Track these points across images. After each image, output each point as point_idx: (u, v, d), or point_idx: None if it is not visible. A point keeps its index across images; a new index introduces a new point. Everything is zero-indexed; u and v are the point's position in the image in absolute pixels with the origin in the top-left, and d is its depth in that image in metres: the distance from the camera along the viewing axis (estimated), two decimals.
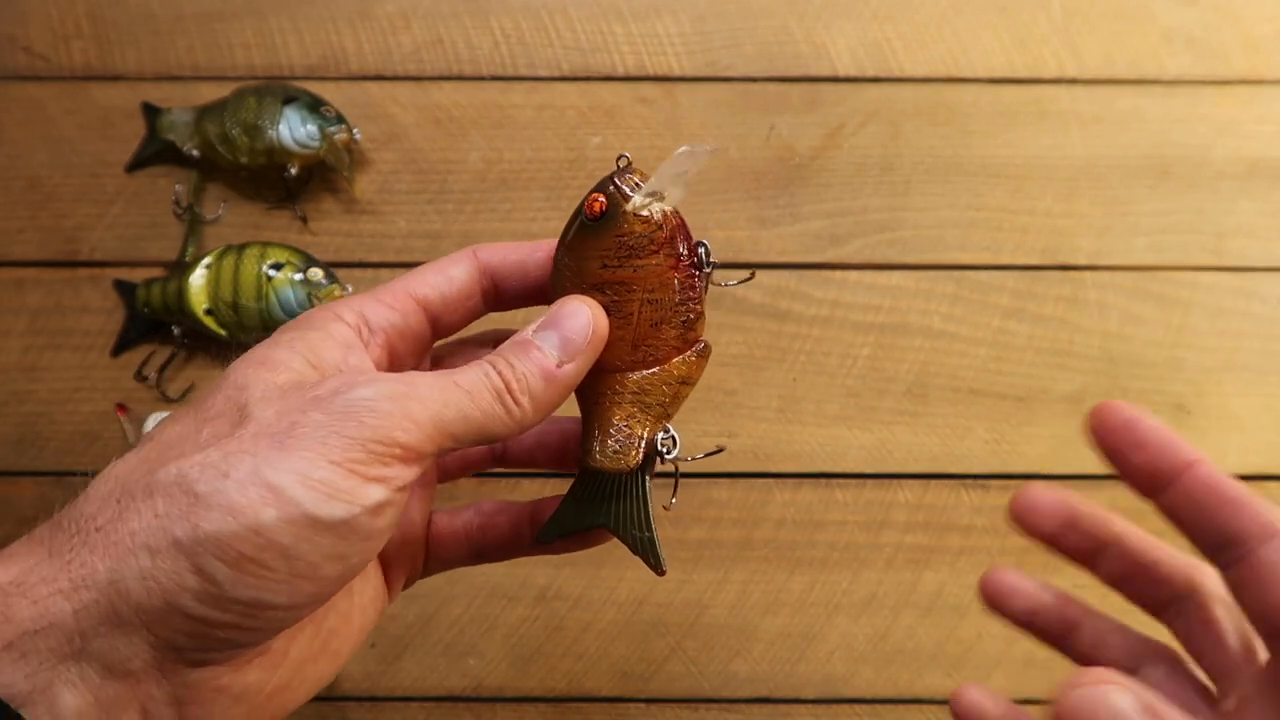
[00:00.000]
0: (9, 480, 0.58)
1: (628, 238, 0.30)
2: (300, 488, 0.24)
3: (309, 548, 0.24)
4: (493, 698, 0.57)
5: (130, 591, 0.23)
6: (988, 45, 0.61)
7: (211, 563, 0.23)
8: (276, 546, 0.24)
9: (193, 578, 0.23)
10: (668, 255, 0.30)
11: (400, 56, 0.61)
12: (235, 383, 0.27)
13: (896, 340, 0.59)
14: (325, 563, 0.24)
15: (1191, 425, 0.59)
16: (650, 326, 0.31)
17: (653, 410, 0.32)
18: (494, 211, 0.60)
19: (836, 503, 0.58)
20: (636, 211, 0.30)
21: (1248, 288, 0.60)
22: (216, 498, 0.23)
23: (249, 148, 0.57)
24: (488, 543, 0.35)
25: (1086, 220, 0.60)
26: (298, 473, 0.24)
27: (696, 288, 0.31)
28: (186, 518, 0.23)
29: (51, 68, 0.61)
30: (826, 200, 0.60)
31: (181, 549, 0.23)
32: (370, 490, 0.25)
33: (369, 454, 0.25)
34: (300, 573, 0.24)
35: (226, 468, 0.24)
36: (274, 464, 0.24)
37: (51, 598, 0.23)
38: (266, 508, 0.23)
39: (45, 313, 0.59)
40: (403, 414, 0.25)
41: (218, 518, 0.23)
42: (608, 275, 0.31)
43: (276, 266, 0.56)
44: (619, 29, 0.61)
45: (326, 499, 0.24)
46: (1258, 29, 0.61)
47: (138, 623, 0.23)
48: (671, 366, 0.31)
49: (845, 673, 0.57)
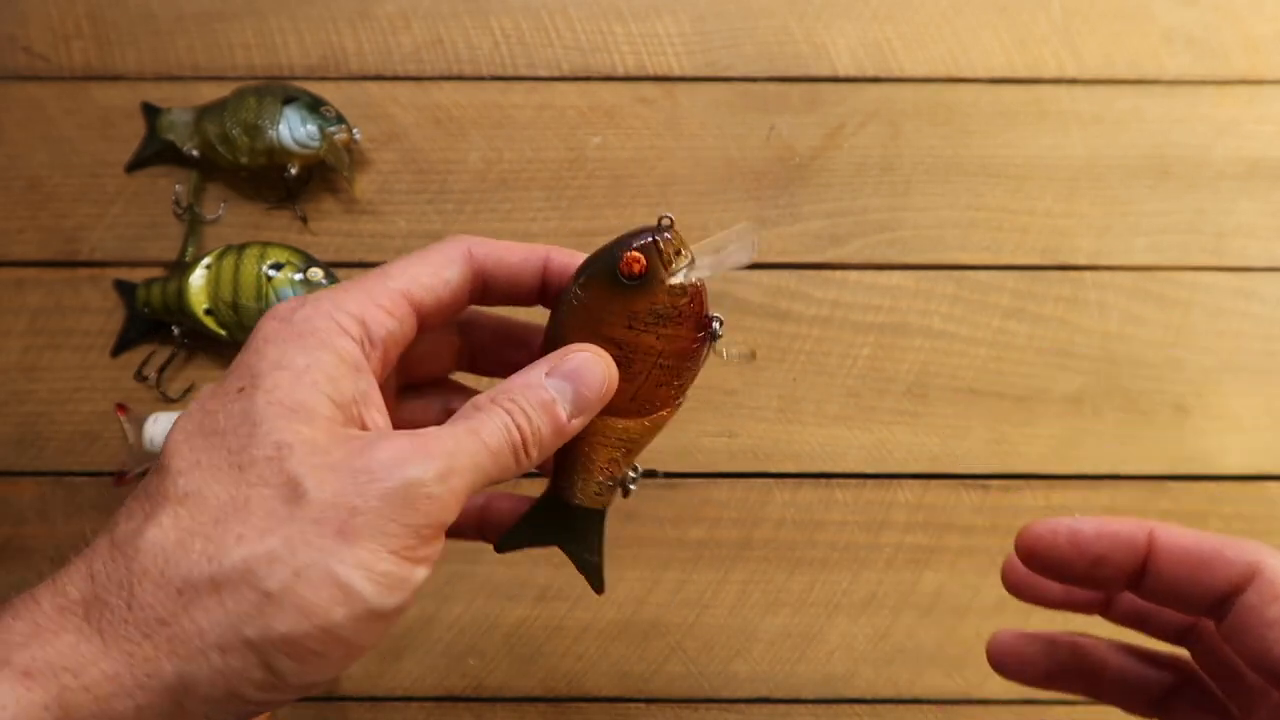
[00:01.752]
0: (9, 480, 0.58)
1: (660, 306, 0.30)
2: (367, 584, 0.24)
3: (367, 636, 0.25)
4: (493, 698, 0.57)
5: (198, 687, 0.24)
6: (988, 45, 0.61)
7: (281, 660, 0.24)
8: (341, 641, 0.24)
9: (259, 672, 0.24)
10: (691, 329, 0.31)
11: (400, 56, 0.61)
12: (273, 439, 0.25)
13: (896, 340, 0.59)
14: (371, 642, 0.26)
15: (1191, 425, 0.59)
16: (655, 387, 0.32)
17: (632, 453, 0.33)
18: (494, 211, 0.60)
19: (836, 503, 0.58)
20: (674, 284, 0.30)
21: (1248, 288, 0.60)
22: (289, 598, 0.24)
23: (249, 148, 0.57)
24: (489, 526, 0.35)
25: (1086, 220, 0.60)
26: (364, 567, 0.24)
27: (703, 354, 0.32)
28: (259, 618, 0.23)
29: (51, 68, 0.61)
30: (826, 200, 0.60)
31: (253, 648, 0.24)
32: (418, 572, 0.26)
33: (421, 539, 0.25)
34: (351, 656, 0.25)
35: (295, 563, 0.24)
36: (341, 558, 0.24)
37: (115, 697, 0.23)
38: (337, 607, 0.24)
39: (45, 313, 0.59)
40: (450, 494, 0.26)
41: (291, 619, 0.24)
42: (629, 336, 0.31)
43: (276, 266, 0.56)
44: (619, 29, 0.61)
45: (389, 591, 0.25)
46: (1258, 29, 0.61)
47: (200, 714, 0.24)
48: (660, 418, 0.32)
49: (845, 673, 0.57)
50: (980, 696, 0.57)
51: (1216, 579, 0.25)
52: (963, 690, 0.57)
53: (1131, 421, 0.59)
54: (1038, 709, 0.56)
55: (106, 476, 0.58)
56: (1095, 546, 0.26)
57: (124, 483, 0.57)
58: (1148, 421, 0.59)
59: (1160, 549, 0.26)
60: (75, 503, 0.58)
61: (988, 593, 0.57)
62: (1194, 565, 0.25)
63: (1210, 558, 0.25)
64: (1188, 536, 0.25)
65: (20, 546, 0.57)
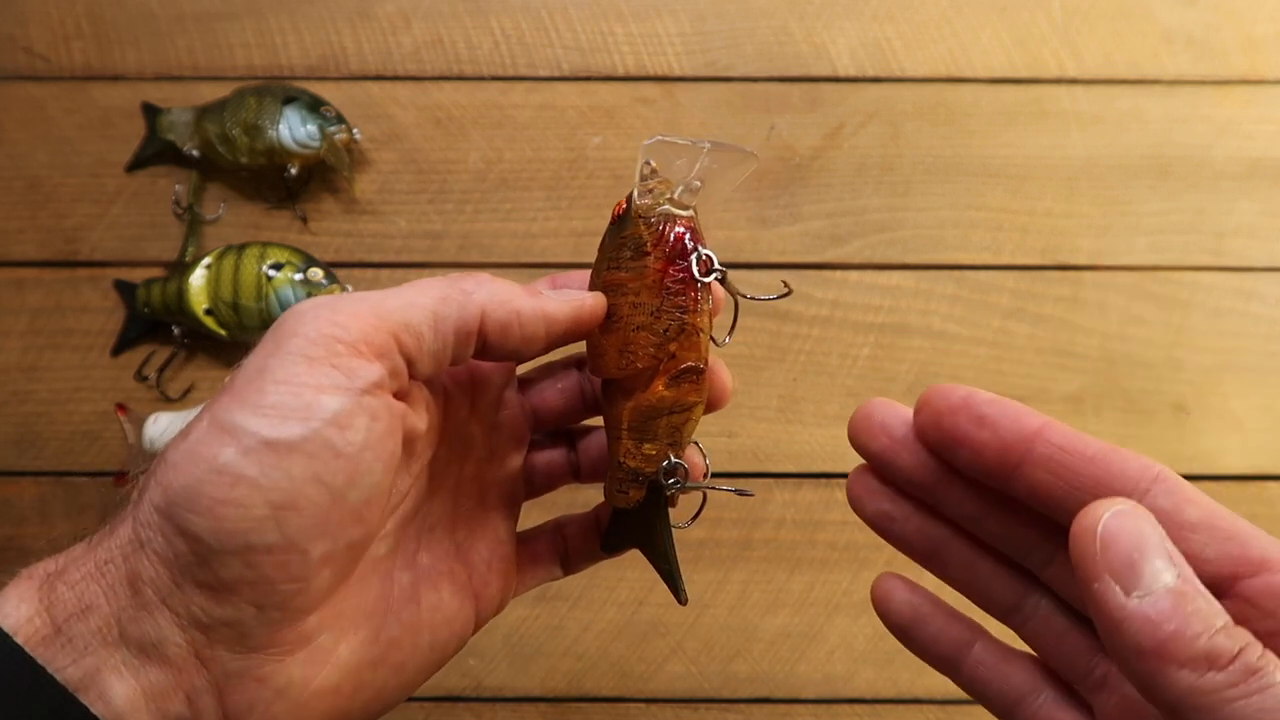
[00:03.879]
0: (9, 480, 0.58)
1: (629, 240, 0.30)
2: (253, 418, 0.23)
3: (280, 474, 0.23)
4: (493, 697, 0.57)
5: (141, 571, 0.23)
6: (988, 45, 0.61)
7: (188, 518, 0.23)
8: (246, 481, 0.23)
9: (180, 540, 0.23)
10: (658, 258, 0.29)
11: (400, 56, 0.61)
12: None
13: (896, 340, 0.59)
14: (306, 487, 0.24)
15: (1191, 425, 0.59)
16: (633, 330, 0.29)
17: (656, 444, 0.30)
18: (494, 211, 0.60)
19: (836, 503, 0.58)
20: (642, 215, 0.30)
21: (1248, 288, 0.60)
22: (179, 455, 0.24)
23: (249, 148, 0.57)
24: (570, 553, 0.35)
25: (1086, 220, 0.60)
26: (249, 406, 0.23)
27: (687, 298, 0.29)
28: (160, 483, 0.24)
29: (51, 68, 0.61)
30: (826, 200, 0.60)
31: (162, 513, 0.23)
32: (325, 401, 0.24)
33: (310, 362, 0.24)
34: (280, 503, 0.23)
35: (189, 429, 0.24)
36: (227, 408, 0.24)
37: (84, 581, 0.24)
38: (224, 447, 0.23)
39: (45, 313, 0.59)
40: (331, 313, 0.25)
41: (184, 472, 0.23)
42: (609, 277, 0.30)
43: (276, 266, 0.56)
44: (619, 29, 0.61)
45: (281, 420, 0.23)
46: (1258, 29, 0.61)
47: (157, 600, 0.23)
48: (654, 394, 0.30)
49: (845, 673, 0.57)
50: None
51: (1114, 477, 0.23)
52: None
53: (1131, 421, 0.59)
54: None
55: (106, 476, 0.58)
56: (989, 409, 0.24)
57: (124, 483, 0.57)
58: (1148, 421, 0.59)
59: (1051, 439, 0.24)
60: (75, 503, 0.58)
61: None
62: (1086, 460, 0.23)
63: (1108, 456, 0.23)
64: (1082, 438, 0.24)
65: (20, 546, 0.57)
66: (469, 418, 0.32)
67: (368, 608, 0.28)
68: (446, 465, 0.31)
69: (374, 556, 0.28)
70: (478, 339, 0.28)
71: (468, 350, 0.28)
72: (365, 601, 0.28)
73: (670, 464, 0.30)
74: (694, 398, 0.30)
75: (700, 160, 0.29)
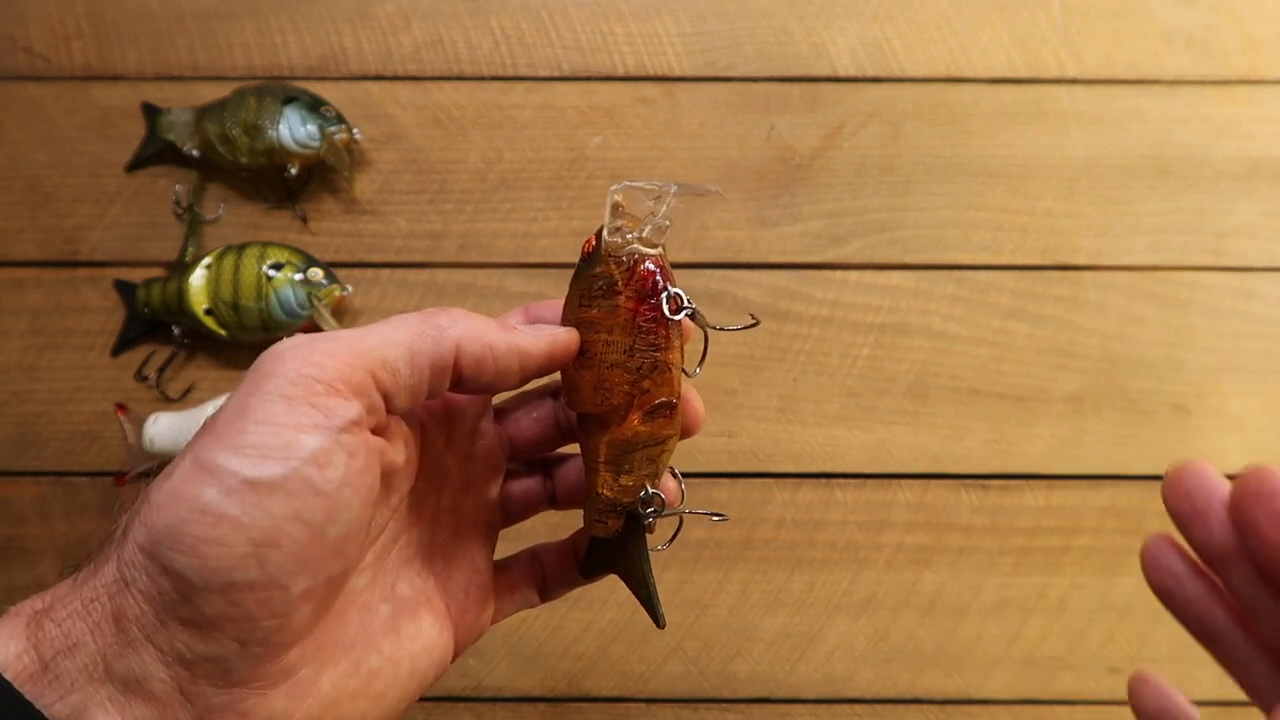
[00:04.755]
0: (9, 480, 0.58)
1: (600, 279, 0.30)
2: (234, 458, 0.24)
3: (261, 513, 0.24)
4: (492, 698, 0.57)
5: (126, 608, 0.24)
6: (988, 45, 0.61)
7: (172, 557, 0.23)
8: (228, 520, 0.23)
9: (164, 579, 0.24)
10: (629, 297, 0.30)
11: (400, 56, 0.61)
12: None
13: (896, 340, 0.59)
14: (286, 525, 0.24)
15: (1191, 425, 0.59)
16: (607, 368, 0.30)
17: (633, 475, 0.31)
18: (494, 211, 0.60)
19: (836, 503, 0.58)
20: (612, 253, 0.30)
21: (1248, 288, 0.60)
22: (162, 495, 0.24)
23: (249, 148, 0.57)
24: (547, 580, 0.35)
25: (1086, 220, 0.60)
26: (230, 446, 0.24)
27: (659, 335, 0.30)
28: (144, 523, 0.24)
29: (51, 68, 0.61)
30: (826, 200, 0.60)
31: (146, 552, 0.24)
32: (305, 440, 0.24)
33: (288, 402, 0.25)
34: (262, 540, 0.24)
35: (172, 468, 0.25)
36: (208, 447, 0.24)
37: (70, 619, 0.24)
38: (206, 487, 0.24)
39: (45, 313, 0.59)
40: (309, 353, 0.25)
41: (168, 512, 0.24)
42: (582, 314, 0.31)
43: (276, 266, 0.56)
44: (619, 29, 0.61)
45: (261, 460, 0.24)
46: (1258, 29, 0.61)
47: (142, 637, 0.24)
48: (630, 428, 0.31)
49: (845, 673, 0.57)
50: (980, 696, 0.57)
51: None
52: (962, 690, 0.57)
53: (1131, 421, 0.59)
54: (1037, 709, 0.56)
55: (106, 476, 0.58)
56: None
57: (124, 483, 0.57)
58: (1148, 421, 0.59)
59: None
60: (75, 503, 0.58)
61: (988, 593, 0.57)
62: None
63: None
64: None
65: (20, 546, 0.57)
66: (445, 449, 0.32)
67: (348, 640, 0.28)
68: (424, 496, 0.32)
69: (353, 589, 0.29)
70: (453, 373, 0.28)
71: (443, 385, 0.28)
72: (345, 634, 0.28)
73: (647, 494, 0.31)
74: (668, 430, 0.31)
75: (667, 201, 0.30)
